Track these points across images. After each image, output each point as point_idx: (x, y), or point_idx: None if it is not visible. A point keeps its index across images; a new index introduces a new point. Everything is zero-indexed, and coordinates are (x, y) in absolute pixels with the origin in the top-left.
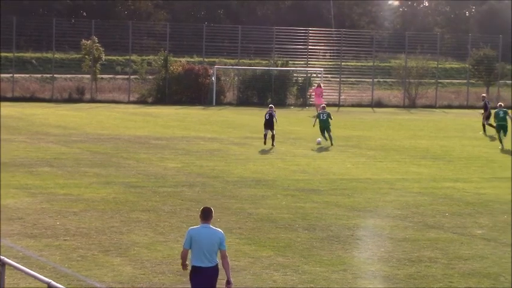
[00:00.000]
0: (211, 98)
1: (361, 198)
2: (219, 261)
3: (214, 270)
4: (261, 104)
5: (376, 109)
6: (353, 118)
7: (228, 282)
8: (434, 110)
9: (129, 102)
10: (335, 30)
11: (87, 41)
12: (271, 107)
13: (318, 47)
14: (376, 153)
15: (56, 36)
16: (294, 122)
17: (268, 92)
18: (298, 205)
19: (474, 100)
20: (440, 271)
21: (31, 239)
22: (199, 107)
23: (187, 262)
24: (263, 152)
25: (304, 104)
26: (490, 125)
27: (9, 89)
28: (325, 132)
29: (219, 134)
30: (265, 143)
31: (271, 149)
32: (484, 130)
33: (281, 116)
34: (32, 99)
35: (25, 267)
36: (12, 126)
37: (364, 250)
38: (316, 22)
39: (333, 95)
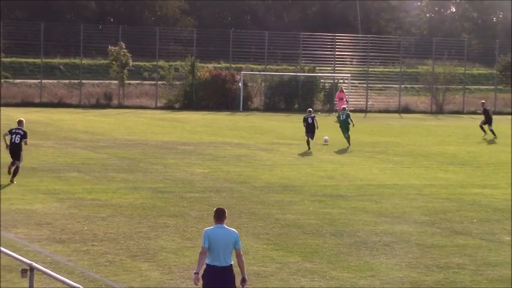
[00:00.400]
0: (238, 103)
1: (388, 204)
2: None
3: (230, 269)
4: (288, 109)
5: (403, 115)
6: (380, 124)
7: (244, 280)
8: (461, 115)
9: (156, 108)
10: (362, 36)
11: (115, 47)
12: (310, 111)
13: (345, 53)
14: (403, 159)
15: (83, 42)
16: (321, 127)
17: (295, 98)
18: (326, 211)
19: (502, 106)
20: (468, 277)
21: (59, 244)
22: (226, 112)
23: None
24: (290, 157)
25: (331, 109)
26: (491, 130)
27: (37, 94)
28: (345, 132)
29: (246, 139)
30: (309, 148)
31: (305, 152)
32: (484, 131)
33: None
34: (60, 104)
35: (54, 272)
36: (41, 131)
37: (392, 256)
38: (343, 28)
39: (360, 101)
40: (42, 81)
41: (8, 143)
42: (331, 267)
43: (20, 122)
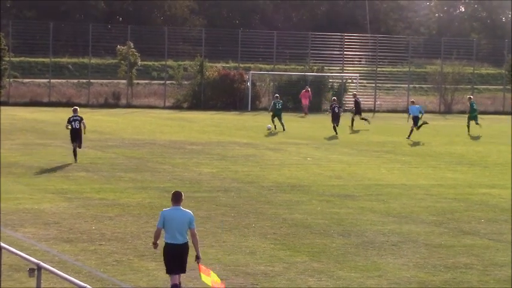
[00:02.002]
0: (247, 103)
1: (396, 204)
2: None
3: (185, 247)
4: (296, 109)
5: None
6: (388, 124)
7: (197, 257)
8: None
9: (164, 108)
10: (370, 36)
11: (123, 46)
12: (334, 100)
13: (354, 53)
14: (411, 159)
15: (92, 41)
16: (329, 127)
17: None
18: (333, 211)
19: (510, 106)
20: (475, 277)
21: (67, 244)
22: (235, 112)
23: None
24: (298, 157)
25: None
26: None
27: (45, 94)
28: (276, 120)
29: (254, 139)
30: (336, 133)
31: (314, 152)
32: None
33: (315, 121)
34: (68, 104)
35: (61, 271)
36: (49, 131)
37: (399, 256)
38: (352, 28)
39: (368, 101)
40: (51, 80)
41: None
42: (339, 267)
43: (75, 110)
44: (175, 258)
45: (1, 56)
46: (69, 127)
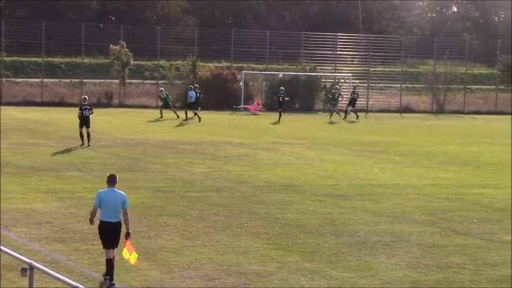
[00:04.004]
0: (240, 103)
1: (388, 203)
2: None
3: (118, 225)
4: (289, 109)
5: (404, 114)
6: (381, 123)
7: (128, 234)
8: (462, 115)
9: (157, 107)
10: (363, 36)
11: (116, 46)
12: (282, 89)
13: (346, 53)
14: (404, 158)
15: (84, 41)
16: (322, 127)
17: (296, 97)
18: (326, 210)
19: (503, 106)
20: (468, 277)
21: (59, 243)
22: (227, 112)
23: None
24: (291, 157)
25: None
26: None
27: (38, 93)
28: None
29: (247, 139)
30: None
31: (306, 152)
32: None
33: (308, 121)
34: (61, 103)
35: (53, 271)
36: (41, 130)
37: (392, 256)
38: (345, 27)
39: (361, 101)
40: (44, 80)
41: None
42: (331, 267)
43: (84, 99)
44: (109, 235)
45: None
46: (80, 115)
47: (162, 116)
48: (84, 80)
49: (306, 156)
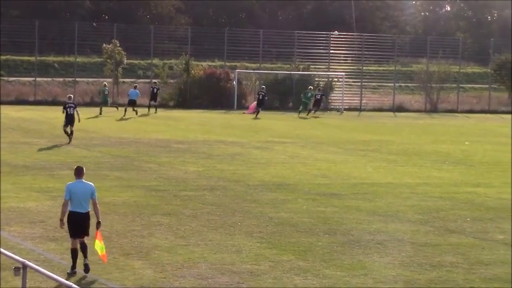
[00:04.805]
0: (233, 102)
1: (382, 202)
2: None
3: (86, 215)
4: (282, 108)
5: (397, 114)
6: (374, 122)
7: (98, 223)
8: (456, 114)
9: (150, 106)
10: (357, 35)
11: (109, 45)
12: (263, 88)
13: (340, 51)
14: (397, 157)
15: (78, 40)
16: (315, 126)
17: (289, 96)
18: (319, 209)
19: (496, 105)
20: (461, 276)
21: (52, 242)
22: (221, 110)
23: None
24: (284, 155)
25: (325, 108)
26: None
27: (31, 92)
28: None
29: (240, 138)
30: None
31: (299, 151)
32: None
33: (302, 120)
34: (54, 102)
35: (47, 270)
36: (34, 129)
37: (385, 255)
38: (338, 26)
39: (354, 100)
40: (37, 79)
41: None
42: (325, 266)
43: (70, 98)
44: (77, 225)
45: None
46: (64, 112)
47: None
48: (77, 79)
49: (300, 155)
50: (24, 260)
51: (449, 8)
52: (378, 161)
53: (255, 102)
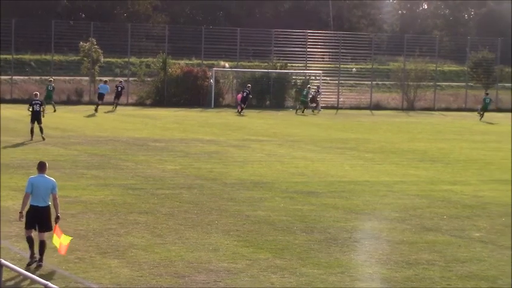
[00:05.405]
0: (210, 100)
1: (359, 200)
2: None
3: (46, 209)
4: (260, 106)
5: (374, 112)
6: (351, 121)
7: (57, 217)
8: (432, 112)
9: (127, 105)
10: (334, 33)
11: (86, 43)
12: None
13: (317, 50)
14: (374, 155)
15: (54, 38)
16: (293, 124)
17: (266, 94)
18: (296, 207)
19: (472, 103)
20: (438, 274)
21: None
22: (198, 109)
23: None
24: (261, 154)
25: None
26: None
27: (8, 91)
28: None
29: (218, 136)
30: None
31: (277, 149)
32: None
33: (279, 118)
34: (31, 101)
35: (23, 269)
36: (11, 128)
37: (362, 252)
38: (315, 25)
39: (331, 98)
40: (13, 77)
41: (31, 110)
42: (302, 264)
43: (36, 95)
44: (36, 218)
45: None
46: (30, 109)
47: (55, 110)
48: (54, 77)
49: (277, 153)
50: (1, 259)
51: (426, 7)
52: (355, 159)
53: (241, 94)
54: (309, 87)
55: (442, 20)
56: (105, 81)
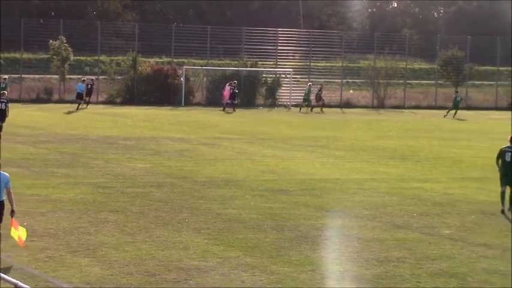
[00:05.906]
0: (180, 98)
1: (329, 198)
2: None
3: (2, 204)
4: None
5: (345, 109)
6: (322, 118)
7: (12, 211)
8: (402, 110)
9: (97, 103)
10: (304, 31)
11: (56, 41)
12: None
13: (287, 48)
14: (344, 153)
15: (24, 36)
16: (263, 122)
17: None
18: (267, 205)
19: (442, 100)
20: (408, 271)
21: None
22: (168, 107)
23: None
24: (232, 152)
25: (273, 104)
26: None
27: None
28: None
29: (188, 134)
30: None
31: (247, 147)
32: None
33: (250, 116)
34: None
35: None
36: None
37: (332, 250)
38: (285, 23)
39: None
40: None
41: None
42: (272, 262)
43: (3, 94)
44: None
45: None
46: None
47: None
48: (23, 76)
49: (247, 151)
50: None
51: (396, 5)
52: (326, 157)
53: (228, 89)
54: (310, 85)
55: (412, 18)
56: (83, 80)
